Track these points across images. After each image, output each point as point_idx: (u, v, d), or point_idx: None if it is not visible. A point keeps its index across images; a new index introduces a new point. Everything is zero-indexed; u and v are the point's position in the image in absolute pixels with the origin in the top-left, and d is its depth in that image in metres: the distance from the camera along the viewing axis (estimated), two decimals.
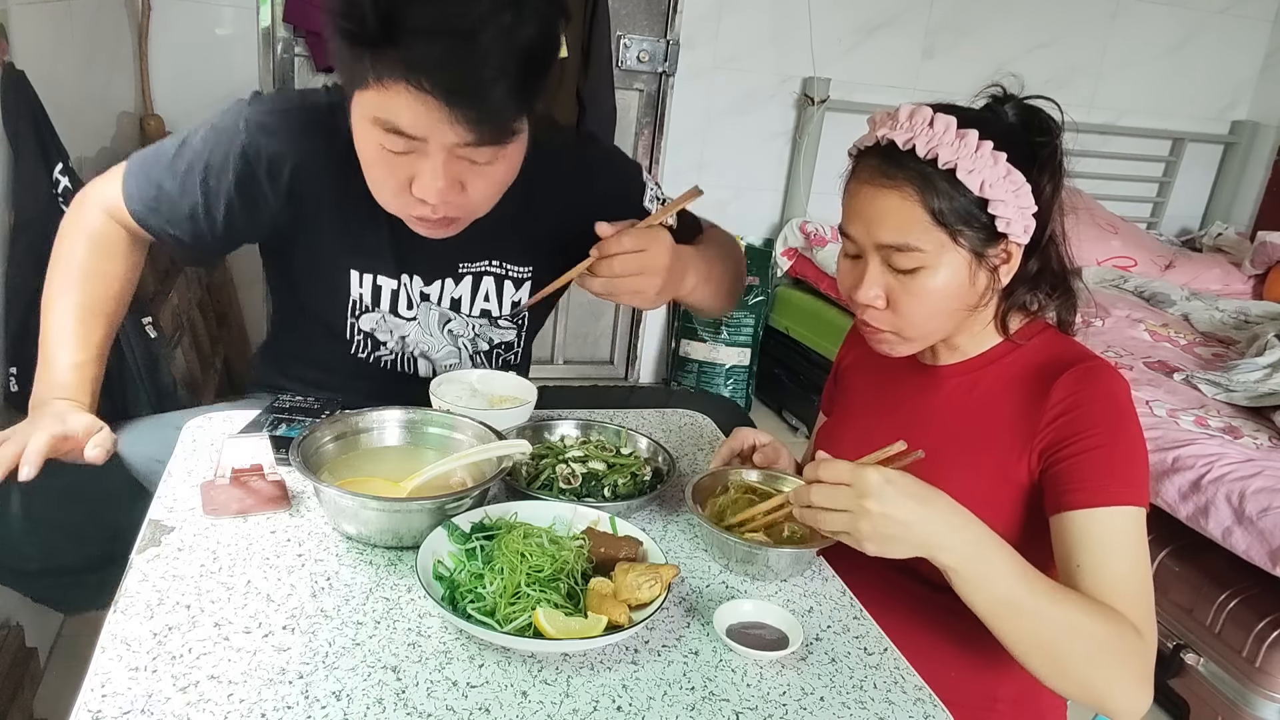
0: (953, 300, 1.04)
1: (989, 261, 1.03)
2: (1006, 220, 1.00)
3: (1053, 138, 1.03)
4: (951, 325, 1.08)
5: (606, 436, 1.28)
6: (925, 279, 1.02)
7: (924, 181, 0.99)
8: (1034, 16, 3.63)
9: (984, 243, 1.01)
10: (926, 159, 0.98)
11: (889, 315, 1.06)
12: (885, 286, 1.04)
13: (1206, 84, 4.00)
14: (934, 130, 0.99)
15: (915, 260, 1.01)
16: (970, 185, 0.98)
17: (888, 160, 1.01)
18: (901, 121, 1.01)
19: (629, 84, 3.32)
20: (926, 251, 1.00)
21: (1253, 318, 3.02)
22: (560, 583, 0.91)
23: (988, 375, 1.11)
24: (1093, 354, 1.07)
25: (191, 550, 0.97)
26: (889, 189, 1.00)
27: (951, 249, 1.01)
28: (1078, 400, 1.01)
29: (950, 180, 0.98)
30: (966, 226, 1.00)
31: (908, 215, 1.00)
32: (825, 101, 3.37)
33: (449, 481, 1.09)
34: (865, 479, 0.88)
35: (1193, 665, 1.96)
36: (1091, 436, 0.99)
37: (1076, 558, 0.97)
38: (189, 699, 0.77)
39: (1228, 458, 1.99)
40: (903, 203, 1.00)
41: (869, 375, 1.25)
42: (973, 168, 0.98)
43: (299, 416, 1.22)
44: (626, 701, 0.83)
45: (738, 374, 3.46)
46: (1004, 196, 0.99)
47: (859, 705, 0.87)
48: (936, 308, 1.04)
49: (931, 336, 1.09)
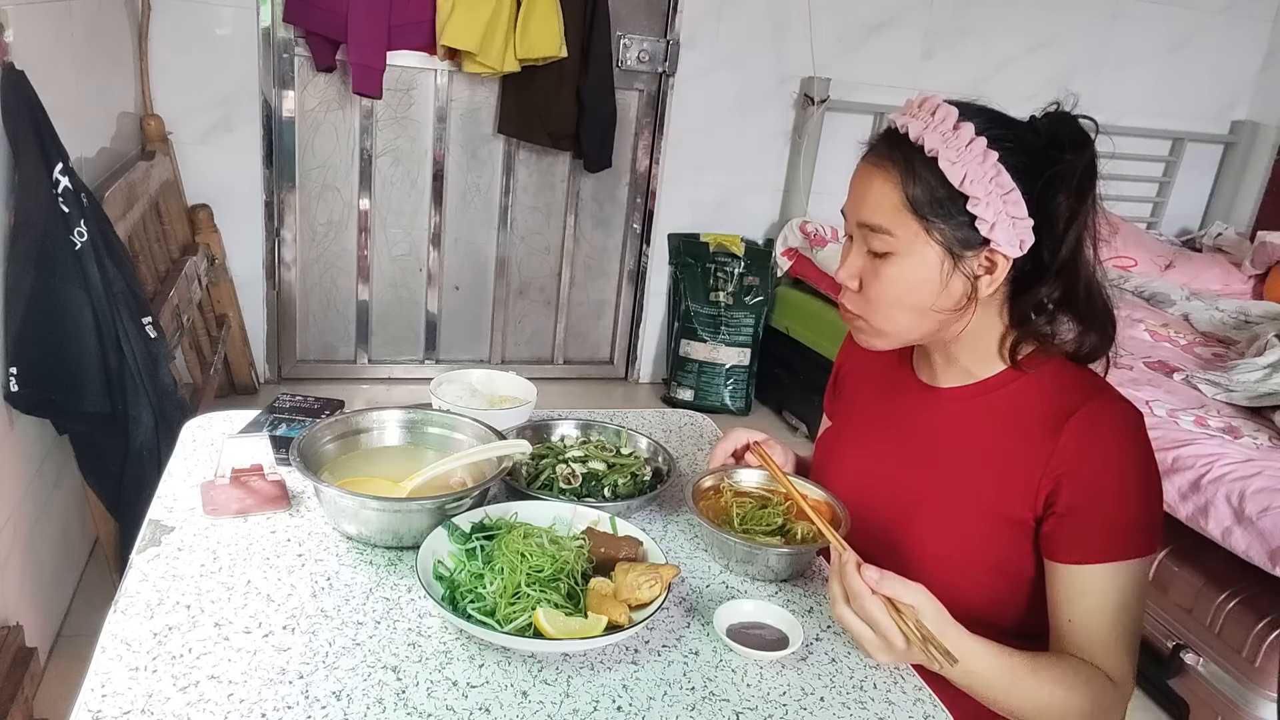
0: (919, 295, 1.00)
1: (967, 265, 0.99)
2: (988, 224, 0.96)
3: (1078, 155, 0.98)
4: (924, 326, 1.03)
5: (606, 436, 1.28)
6: (893, 266, 1.00)
7: (906, 166, 0.97)
8: (1034, 16, 3.63)
9: (964, 244, 0.98)
10: (915, 144, 0.97)
11: (860, 299, 1.04)
12: (861, 269, 1.03)
13: (1206, 84, 4.00)
14: (933, 119, 0.97)
15: (886, 244, 0.99)
16: (951, 177, 0.95)
17: (886, 142, 1.01)
18: (913, 107, 1.00)
19: (629, 84, 3.32)
20: (897, 237, 0.98)
21: (1253, 318, 3.01)
22: (560, 583, 0.91)
23: (991, 403, 1.06)
24: (1102, 387, 1.03)
25: (191, 550, 0.97)
26: (876, 169, 1.00)
27: (924, 241, 0.98)
28: (1087, 450, 0.98)
29: (932, 169, 0.96)
30: (942, 221, 0.97)
31: (885, 197, 0.99)
32: (825, 101, 3.37)
33: (449, 481, 1.09)
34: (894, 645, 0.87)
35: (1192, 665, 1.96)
36: (1098, 492, 0.97)
37: (1068, 611, 0.98)
38: (189, 699, 0.77)
39: (1227, 458, 1.99)
40: (883, 184, 0.99)
41: (870, 385, 1.22)
42: (957, 160, 0.95)
43: (299, 416, 1.22)
44: (626, 701, 0.83)
45: (738, 374, 3.46)
46: (985, 197, 0.95)
47: (859, 705, 0.87)
48: (902, 299, 1.01)
49: (901, 333, 1.05)
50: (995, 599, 1.05)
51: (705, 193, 3.52)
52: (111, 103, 2.42)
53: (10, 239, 1.59)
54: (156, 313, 1.90)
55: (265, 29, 2.88)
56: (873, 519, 1.09)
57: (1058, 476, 0.99)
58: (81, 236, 1.61)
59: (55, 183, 1.60)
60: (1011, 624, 1.06)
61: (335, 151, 3.12)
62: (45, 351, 1.60)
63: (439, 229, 3.31)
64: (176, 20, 2.74)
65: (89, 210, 1.66)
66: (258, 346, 3.18)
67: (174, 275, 2.36)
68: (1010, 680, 0.92)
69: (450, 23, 2.82)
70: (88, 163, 2.10)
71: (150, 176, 2.42)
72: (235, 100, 2.87)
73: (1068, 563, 0.98)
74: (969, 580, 1.04)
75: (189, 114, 2.82)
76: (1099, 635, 0.97)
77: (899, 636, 0.85)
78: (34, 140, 1.59)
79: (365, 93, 2.87)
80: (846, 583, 0.88)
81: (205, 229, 2.84)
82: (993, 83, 3.58)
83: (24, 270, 1.58)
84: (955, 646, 0.87)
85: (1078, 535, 0.98)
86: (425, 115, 3.17)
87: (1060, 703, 0.94)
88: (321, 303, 3.30)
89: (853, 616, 0.87)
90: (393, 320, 3.40)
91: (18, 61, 1.59)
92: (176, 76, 2.77)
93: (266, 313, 3.17)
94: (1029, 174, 0.97)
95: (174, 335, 2.09)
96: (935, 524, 1.05)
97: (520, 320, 3.56)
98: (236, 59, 2.85)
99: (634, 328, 3.67)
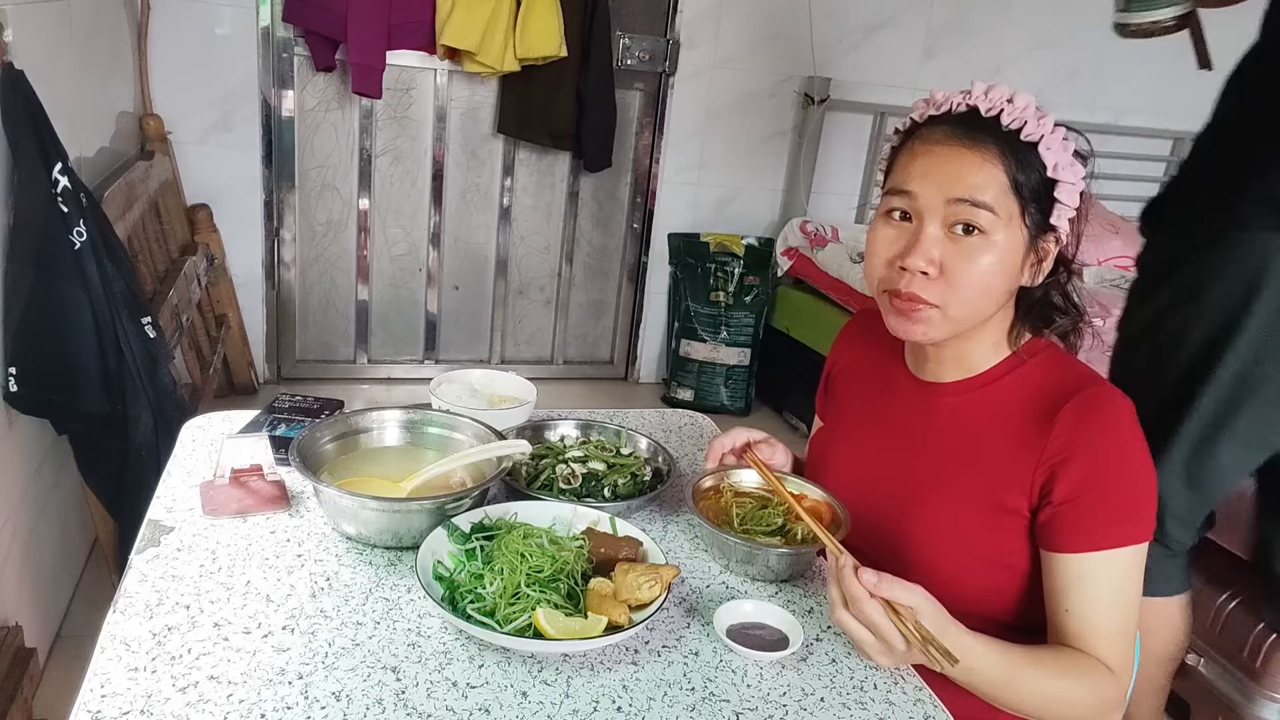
0: (1005, 280, 1.01)
1: (1036, 252, 1.02)
2: (1064, 210, 1.00)
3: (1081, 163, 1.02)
4: (989, 311, 1.03)
5: (606, 436, 1.28)
6: (985, 248, 0.98)
7: (1009, 148, 0.98)
8: (1034, 16, 3.63)
9: (1038, 229, 1.01)
10: (1010, 128, 0.98)
11: (939, 286, 0.99)
12: (941, 252, 0.99)
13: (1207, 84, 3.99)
14: (1015, 105, 0.98)
15: (986, 221, 0.97)
16: (1047, 162, 0.98)
17: (968, 125, 0.99)
18: (978, 94, 1.00)
19: (629, 84, 3.32)
20: (998, 216, 0.97)
21: None
22: (560, 583, 0.91)
23: (986, 396, 1.07)
24: (1095, 377, 1.04)
25: (191, 550, 0.97)
26: (971, 149, 0.98)
27: (1017, 224, 0.99)
28: (1080, 437, 0.99)
29: (1030, 153, 0.98)
30: (1034, 206, 0.99)
31: (989, 175, 0.97)
32: (825, 101, 3.37)
33: (449, 481, 1.09)
34: (894, 648, 0.87)
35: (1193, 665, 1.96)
36: (1093, 479, 0.98)
37: (1066, 601, 0.99)
38: (188, 699, 0.77)
39: None
40: (984, 163, 0.98)
41: (863, 386, 1.22)
42: (1050, 146, 0.98)
43: (299, 416, 1.22)
44: (626, 702, 0.82)
45: (738, 374, 3.46)
46: (1071, 182, 0.99)
47: (859, 706, 0.87)
48: (991, 283, 1.00)
49: (973, 319, 1.03)
50: (992, 592, 1.05)
51: (705, 192, 3.52)
52: (111, 102, 2.42)
53: (9, 239, 1.59)
54: (156, 313, 1.90)
55: (265, 28, 2.88)
56: (869, 515, 1.09)
57: (1051, 466, 0.99)
58: (81, 236, 1.61)
59: (54, 182, 1.60)
60: (1009, 617, 1.06)
61: (335, 151, 3.12)
62: (44, 351, 1.60)
63: (438, 229, 3.31)
64: (176, 20, 2.74)
65: (88, 210, 1.66)
66: (257, 346, 3.17)
67: (173, 275, 2.36)
68: (1010, 675, 0.92)
69: (450, 22, 2.82)
70: (87, 162, 2.10)
71: (149, 176, 2.41)
72: (235, 100, 2.87)
73: (1063, 552, 0.99)
74: (966, 574, 1.04)
75: (188, 113, 2.82)
76: (1096, 624, 0.98)
77: (899, 639, 0.85)
78: (33, 140, 1.58)
79: (365, 92, 2.87)
80: (844, 587, 0.88)
81: (204, 229, 2.84)
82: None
83: (23, 270, 1.58)
84: (955, 645, 0.87)
85: (1072, 524, 0.98)
86: (425, 115, 3.16)
87: (1060, 694, 0.95)
88: (321, 303, 3.30)
89: (852, 621, 0.87)
90: (392, 320, 3.40)
91: (17, 61, 1.59)
92: (176, 76, 2.77)
93: (266, 313, 3.17)
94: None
95: (173, 335, 2.08)
96: (931, 518, 1.06)
97: (520, 320, 3.56)
98: (236, 58, 2.85)
99: (634, 328, 3.66)
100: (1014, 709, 0.96)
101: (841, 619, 0.88)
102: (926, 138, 1.01)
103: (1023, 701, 0.94)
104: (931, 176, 0.99)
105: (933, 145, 1.00)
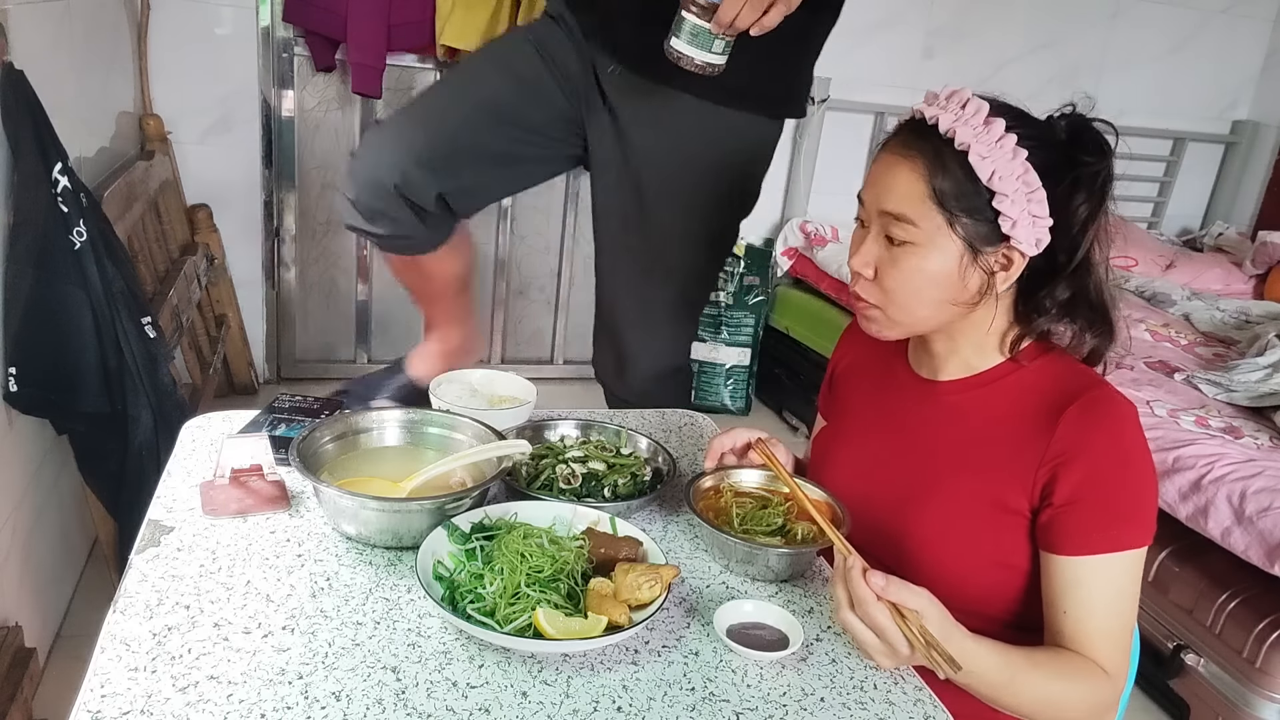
0: (938, 289, 1.01)
1: (984, 261, 1.00)
2: (1011, 221, 0.97)
3: (1099, 160, 1.00)
4: (940, 317, 1.04)
5: (606, 436, 1.28)
6: (914, 257, 0.99)
7: (935, 157, 0.97)
8: (1034, 16, 3.63)
9: (983, 239, 0.98)
10: (945, 136, 0.97)
11: (875, 288, 1.04)
12: (877, 257, 1.02)
13: (1207, 84, 4.00)
14: (963, 112, 0.97)
15: (908, 234, 0.99)
16: (980, 172, 0.95)
17: (912, 132, 1.01)
18: (939, 98, 1.00)
19: None
20: (920, 228, 0.98)
21: (1253, 318, 3.01)
22: (560, 583, 0.91)
23: (988, 395, 1.07)
24: (1098, 380, 1.04)
25: (191, 550, 0.97)
26: (902, 159, 0.99)
27: (946, 234, 0.98)
28: (1083, 439, 0.98)
29: (961, 163, 0.96)
30: (967, 215, 0.97)
31: (911, 187, 0.98)
32: (825, 101, 3.37)
33: (449, 481, 1.09)
34: (897, 651, 0.86)
35: (1193, 666, 1.96)
36: (1094, 482, 0.97)
37: (1064, 603, 0.99)
38: (188, 699, 0.77)
39: (1228, 458, 1.99)
40: (910, 174, 0.98)
41: (866, 383, 1.22)
42: (987, 155, 0.95)
43: (298, 416, 1.22)
44: (626, 702, 0.82)
45: (738, 374, 3.46)
46: (1012, 194, 0.96)
47: (859, 706, 0.87)
48: (921, 291, 1.01)
49: (918, 324, 1.05)
50: (992, 591, 1.05)
51: None
52: (110, 102, 2.42)
53: (9, 239, 1.59)
54: (156, 313, 1.90)
55: (265, 28, 2.88)
56: (870, 513, 1.09)
57: (1054, 467, 0.99)
58: (80, 236, 1.61)
59: (54, 182, 1.60)
60: (1008, 616, 1.06)
61: (335, 151, 3.12)
62: (44, 351, 1.60)
63: None
64: (176, 20, 2.74)
65: (88, 210, 1.66)
66: (257, 346, 3.17)
67: (173, 275, 2.36)
68: (1010, 677, 0.92)
69: (449, 22, 2.82)
70: (87, 162, 2.10)
71: (149, 176, 2.41)
72: (234, 100, 2.87)
73: (1063, 554, 0.99)
74: (967, 572, 1.04)
75: (188, 113, 2.82)
76: (1093, 627, 0.98)
77: (904, 643, 0.85)
78: (33, 140, 1.58)
79: (365, 92, 2.86)
80: (852, 588, 0.87)
81: (204, 229, 2.84)
82: (993, 83, 3.54)
83: (23, 270, 1.58)
84: (958, 651, 0.86)
85: (1072, 527, 0.98)
86: None
87: (1057, 697, 0.95)
88: (321, 303, 3.29)
89: (858, 622, 0.87)
90: (393, 320, 3.39)
91: (17, 61, 1.59)
92: (176, 76, 2.77)
93: (266, 312, 3.17)
94: (1052, 174, 0.98)
95: (173, 335, 2.08)
96: (932, 517, 1.06)
97: (520, 320, 3.56)
98: (236, 58, 2.84)
99: None
100: (1011, 710, 0.96)
101: (846, 620, 0.88)
102: (887, 143, 1.04)
103: (1020, 704, 0.95)
104: (870, 186, 1.04)
105: (883, 154, 1.03)
